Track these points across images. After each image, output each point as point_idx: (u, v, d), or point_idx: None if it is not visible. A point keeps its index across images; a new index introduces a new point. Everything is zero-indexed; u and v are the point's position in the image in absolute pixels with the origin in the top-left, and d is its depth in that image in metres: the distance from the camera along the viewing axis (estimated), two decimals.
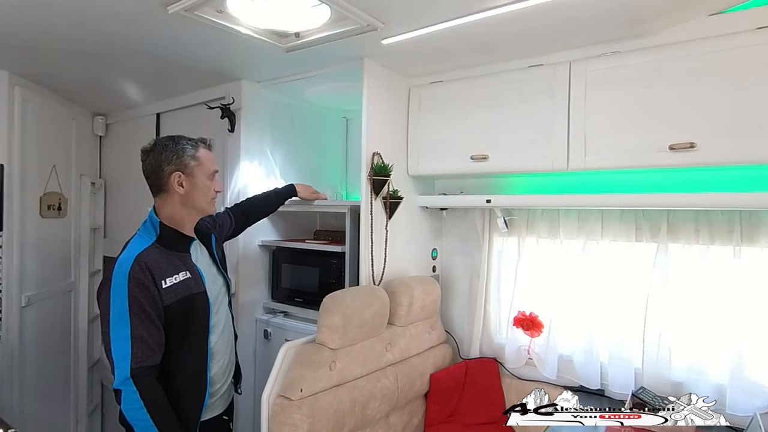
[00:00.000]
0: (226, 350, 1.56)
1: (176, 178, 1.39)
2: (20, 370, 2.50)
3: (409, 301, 2.02)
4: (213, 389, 1.47)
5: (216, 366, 1.49)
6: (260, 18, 1.68)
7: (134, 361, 1.25)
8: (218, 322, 1.52)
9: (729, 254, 1.73)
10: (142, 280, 1.28)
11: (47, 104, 2.71)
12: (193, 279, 1.42)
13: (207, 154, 1.47)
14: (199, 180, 1.43)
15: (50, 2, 1.57)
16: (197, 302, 1.41)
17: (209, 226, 1.65)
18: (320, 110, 2.82)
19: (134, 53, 2.05)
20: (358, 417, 1.70)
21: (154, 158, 1.40)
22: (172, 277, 1.35)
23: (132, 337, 1.26)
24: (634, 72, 1.71)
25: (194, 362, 1.41)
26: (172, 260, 1.39)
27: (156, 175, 1.40)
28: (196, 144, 1.44)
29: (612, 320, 1.96)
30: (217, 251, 1.62)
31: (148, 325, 1.28)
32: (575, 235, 2.04)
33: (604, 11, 1.55)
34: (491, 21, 1.60)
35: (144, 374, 1.27)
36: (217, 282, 1.56)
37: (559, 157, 1.85)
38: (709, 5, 1.55)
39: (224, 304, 1.58)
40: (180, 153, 1.40)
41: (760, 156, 1.51)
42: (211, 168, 1.47)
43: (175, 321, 1.35)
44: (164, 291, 1.32)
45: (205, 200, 1.46)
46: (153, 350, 1.29)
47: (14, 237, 2.46)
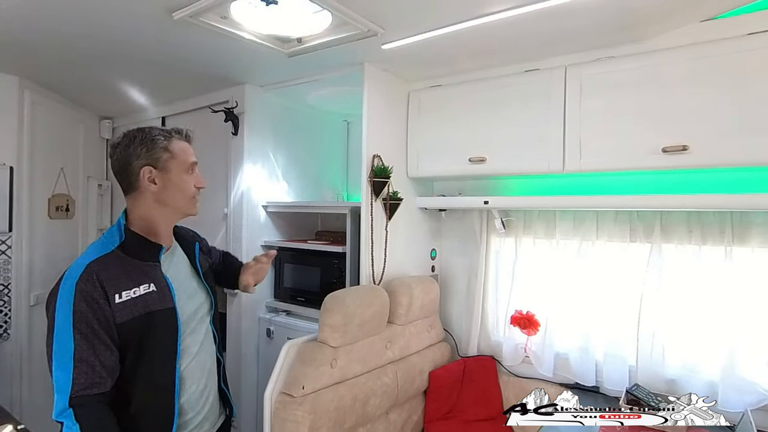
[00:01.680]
0: (201, 375, 1.28)
1: (146, 174, 1.17)
2: (29, 367, 2.50)
3: (409, 300, 2.02)
4: (183, 419, 1.22)
5: (187, 393, 1.23)
6: (263, 24, 1.68)
7: (75, 389, 1.02)
8: (191, 345, 1.25)
9: (721, 254, 1.73)
10: (90, 293, 1.06)
11: (56, 108, 2.72)
12: (158, 293, 1.17)
13: (182, 145, 1.24)
14: (174, 175, 1.20)
15: (59, 9, 1.58)
16: (159, 321, 1.16)
17: (194, 235, 1.45)
18: (322, 114, 2.83)
19: (140, 58, 2.05)
20: (358, 413, 1.70)
21: (122, 152, 1.18)
22: (129, 291, 1.12)
23: (75, 360, 1.03)
24: (628, 76, 1.71)
25: (157, 389, 1.17)
26: (132, 271, 1.15)
27: (125, 171, 1.18)
28: (169, 134, 1.22)
29: (607, 319, 1.96)
30: (201, 263, 1.37)
31: (97, 346, 1.05)
32: (571, 235, 2.04)
33: (600, 18, 1.55)
34: (488, 27, 1.61)
35: (87, 404, 1.03)
36: (196, 297, 1.31)
37: (555, 159, 1.85)
38: (702, 12, 1.56)
39: (204, 323, 1.32)
40: (150, 145, 1.18)
41: (751, 158, 1.51)
42: (188, 160, 1.24)
43: (129, 342, 1.12)
44: (116, 307, 1.09)
45: (184, 198, 1.23)
46: (101, 376, 1.05)
47: (23, 237, 2.47)
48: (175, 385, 1.18)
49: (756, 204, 1.57)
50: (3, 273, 2.39)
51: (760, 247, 1.67)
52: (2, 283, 2.39)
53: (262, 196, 2.51)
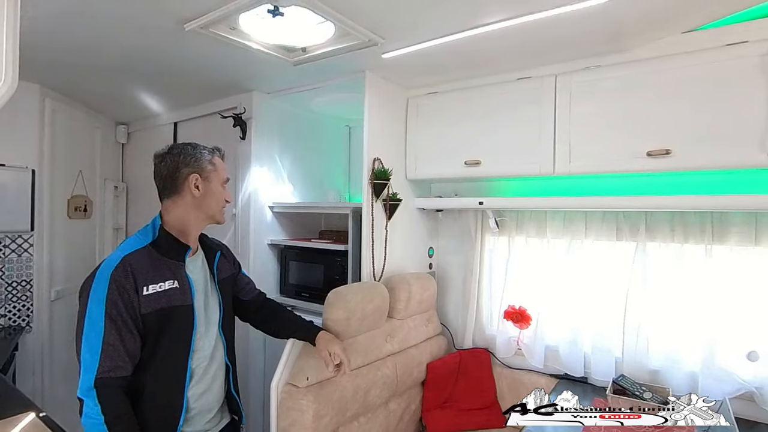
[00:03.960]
0: (206, 376, 1.29)
1: (193, 180, 1.26)
2: (50, 358, 2.53)
3: (407, 296, 2.03)
4: (190, 414, 1.24)
5: (195, 386, 1.25)
6: (270, 34, 1.70)
7: (101, 370, 1.07)
8: (203, 347, 1.28)
9: (701, 252, 1.74)
10: (123, 283, 1.11)
11: (74, 114, 2.74)
12: (180, 290, 1.22)
13: (221, 162, 1.35)
14: (214, 185, 1.30)
15: (78, 22, 1.59)
16: (178, 315, 1.20)
17: (219, 245, 1.47)
18: (325, 119, 2.83)
19: (154, 67, 2.07)
20: (360, 403, 1.71)
21: (172, 160, 1.26)
22: (156, 285, 1.17)
23: (103, 343, 1.08)
24: (614, 84, 1.73)
25: (169, 381, 1.20)
26: (160, 267, 1.20)
27: (172, 176, 1.26)
28: (212, 151, 1.33)
29: (595, 313, 1.97)
30: (220, 269, 1.39)
31: (124, 332, 1.10)
32: (561, 234, 2.05)
33: (588, 29, 1.56)
34: (482, 37, 1.62)
35: (109, 385, 1.08)
36: (210, 302, 1.33)
37: (546, 162, 1.86)
38: (682, 24, 1.57)
39: (215, 326, 1.33)
40: (198, 157, 1.28)
41: (730, 162, 1.52)
42: (224, 176, 1.34)
43: (150, 332, 1.16)
44: (143, 298, 1.14)
45: (217, 206, 1.31)
46: (124, 360, 1.10)
47: (44, 236, 2.49)
48: (185, 379, 1.21)
49: (734, 205, 1.58)
50: (26, 270, 2.41)
51: (738, 245, 1.69)
52: (25, 279, 2.41)
53: (269, 197, 2.52)
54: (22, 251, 2.40)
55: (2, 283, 2.33)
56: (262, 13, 1.48)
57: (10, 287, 2.36)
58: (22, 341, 2.35)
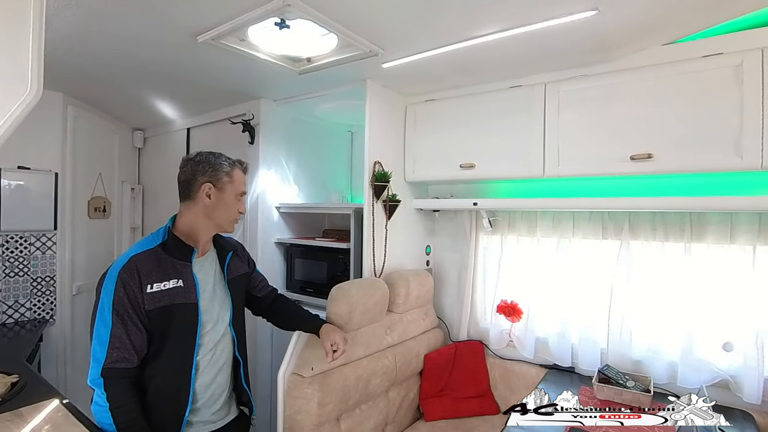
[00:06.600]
0: (213, 369, 1.28)
1: (206, 189, 1.25)
2: (72, 348, 2.55)
3: (406, 291, 2.04)
4: (195, 405, 1.24)
5: (201, 379, 1.25)
6: (277, 45, 1.71)
7: (107, 361, 1.09)
8: (209, 342, 1.26)
9: (681, 250, 1.76)
10: (128, 281, 1.13)
11: (95, 121, 2.75)
12: (184, 288, 1.21)
13: (240, 175, 1.31)
14: (227, 196, 1.28)
15: (98, 35, 1.61)
16: (182, 312, 1.20)
17: (234, 245, 1.44)
18: (328, 125, 2.84)
19: (168, 77, 2.08)
20: (361, 392, 1.72)
21: (192, 167, 1.26)
22: (159, 283, 1.17)
23: (111, 336, 1.10)
24: (599, 92, 1.74)
25: (175, 374, 1.20)
26: (166, 267, 1.20)
27: (188, 182, 1.26)
28: (233, 163, 1.30)
29: (582, 307, 1.98)
30: (231, 267, 1.37)
31: (129, 327, 1.12)
32: (550, 233, 2.06)
33: (575, 40, 1.57)
34: (477, 48, 1.63)
35: (115, 376, 1.10)
36: (219, 299, 1.32)
37: (536, 165, 1.87)
38: (663, 36, 1.58)
39: (224, 323, 1.31)
40: (216, 167, 1.26)
41: (707, 165, 1.53)
42: (241, 189, 1.31)
43: (155, 327, 1.17)
44: (147, 295, 1.14)
45: (227, 217, 1.29)
46: (129, 353, 1.12)
47: (66, 235, 2.51)
48: (191, 372, 1.21)
49: (711, 206, 1.59)
50: (49, 266, 2.43)
51: (715, 243, 1.70)
52: (49, 275, 2.43)
53: (276, 198, 2.53)
54: (46, 249, 2.42)
55: (28, 278, 2.35)
56: (269, 26, 1.49)
57: (35, 282, 2.38)
58: (46, 333, 2.37)
